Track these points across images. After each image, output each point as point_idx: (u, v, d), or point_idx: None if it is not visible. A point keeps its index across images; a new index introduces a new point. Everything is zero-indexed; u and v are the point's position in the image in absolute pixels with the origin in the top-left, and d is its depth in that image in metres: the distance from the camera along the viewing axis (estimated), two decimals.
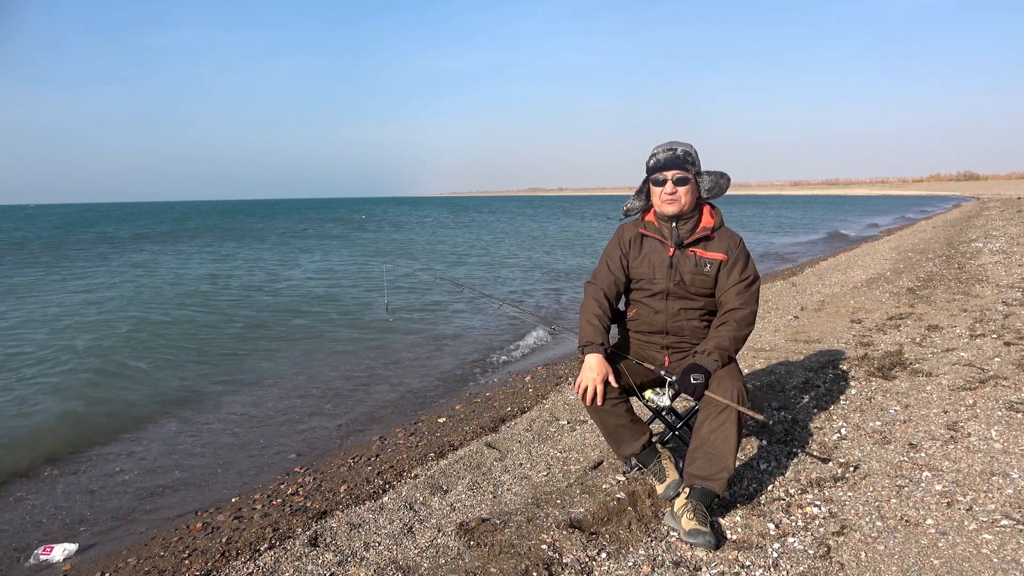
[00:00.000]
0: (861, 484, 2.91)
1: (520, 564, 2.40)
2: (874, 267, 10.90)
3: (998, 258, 10.19)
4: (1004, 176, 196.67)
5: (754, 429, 3.61)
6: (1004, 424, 3.42)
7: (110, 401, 5.72)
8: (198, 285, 13.36)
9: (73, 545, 3.20)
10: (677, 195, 2.75)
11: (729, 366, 2.70)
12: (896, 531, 2.52)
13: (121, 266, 17.63)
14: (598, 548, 2.52)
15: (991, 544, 2.38)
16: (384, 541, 2.71)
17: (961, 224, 19.67)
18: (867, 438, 3.41)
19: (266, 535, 3.01)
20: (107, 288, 13.06)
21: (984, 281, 8.06)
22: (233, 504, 3.58)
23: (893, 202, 71.57)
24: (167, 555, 2.95)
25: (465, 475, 3.37)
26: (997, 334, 5.29)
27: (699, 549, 2.46)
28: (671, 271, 2.80)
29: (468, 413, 4.86)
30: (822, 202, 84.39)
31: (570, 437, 3.82)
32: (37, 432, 4.89)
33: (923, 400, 3.90)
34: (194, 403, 5.64)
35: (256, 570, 2.58)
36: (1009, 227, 16.07)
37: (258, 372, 6.65)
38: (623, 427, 2.83)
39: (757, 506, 2.79)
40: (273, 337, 8.34)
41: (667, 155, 2.75)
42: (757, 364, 5.02)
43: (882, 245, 15.63)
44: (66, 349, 7.59)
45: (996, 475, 2.89)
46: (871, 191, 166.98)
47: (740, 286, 2.76)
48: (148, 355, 7.30)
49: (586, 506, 2.87)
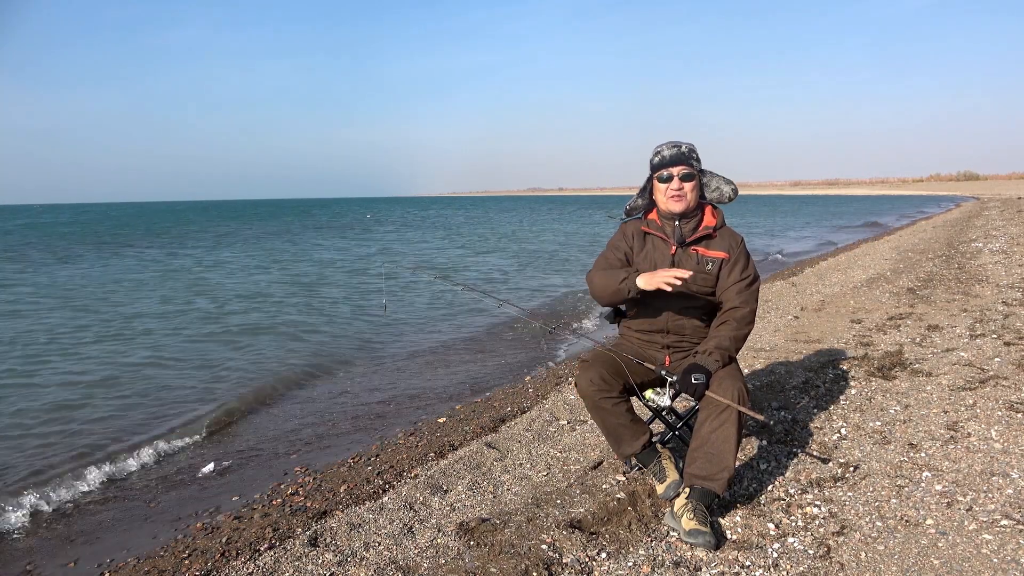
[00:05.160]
0: (861, 484, 2.91)
1: (520, 564, 2.40)
2: (874, 267, 10.89)
3: (998, 258, 10.19)
4: (1004, 176, 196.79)
5: (754, 429, 3.61)
6: (1004, 424, 3.42)
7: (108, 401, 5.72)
8: (202, 281, 13.37)
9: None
10: (683, 191, 2.76)
11: (729, 366, 2.70)
12: (896, 531, 2.52)
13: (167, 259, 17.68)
14: (598, 548, 2.52)
15: (991, 544, 2.38)
16: (384, 541, 2.71)
17: (961, 224, 19.67)
18: (867, 438, 3.41)
19: (266, 535, 3.01)
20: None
21: (984, 281, 8.06)
22: (233, 504, 3.58)
23: (893, 202, 71.77)
24: (167, 555, 2.96)
25: (465, 475, 3.37)
26: (997, 334, 5.29)
27: (699, 549, 2.46)
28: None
29: (468, 413, 4.86)
30: (823, 202, 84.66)
31: (570, 437, 3.82)
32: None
33: (923, 400, 3.90)
34: (192, 403, 5.64)
35: (256, 570, 2.58)
36: (1009, 227, 16.08)
37: (256, 371, 6.64)
38: (623, 427, 2.83)
39: (757, 506, 2.79)
40: (271, 336, 8.33)
41: (672, 152, 2.76)
42: (757, 364, 5.02)
43: (882, 245, 15.63)
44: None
45: (996, 475, 2.89)
46: (871, 191, 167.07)
47: (740, 285, 2.77)
48: (136, 351, 7.31)
49: (586, 506, 2.87)
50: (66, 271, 16.41)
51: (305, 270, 16.37)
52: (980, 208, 29.30)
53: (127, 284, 13.60)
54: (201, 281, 14.12)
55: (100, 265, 17.91)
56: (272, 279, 14.40)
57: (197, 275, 15.25)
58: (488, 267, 16.88)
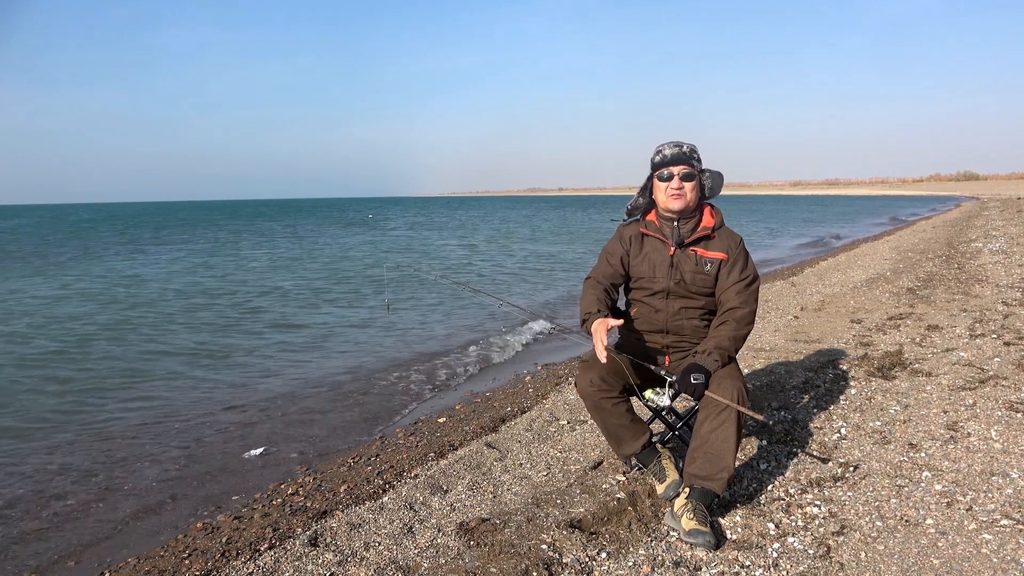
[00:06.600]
0: (861, 484, 2.91)
1: (520, 564, 2.40)
2: (874, 267, 10.90)
3: (998, 258, 10.20)
4: (1004, 176, 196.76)
5: (754, 429, 3.61)
6: (1004, 424, 3.43)
7: (109, 398, 5.72)
8: (202, 282, 13.38)
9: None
10: (683, 191, 2.76)
11: (729, 366, 2.70)
12: (896, 531, 2.52)
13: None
14: (598, 548, 2.52)
15: (991, 544, 2.38)
16: (384, 541, 2.71)
17: (961, 224, 19.68)
18: (867, 438, 3.41)
19: (266, 535, 3.01)
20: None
21: (984, 281, 8.06)
22: (233, 504, 3.58)
23: (895, 202, 71.71)
24: (167, 555, 2.95)
25: (465, 475, 3.37)
26: (997, 334, 5.29)
27: (699, 549, 2.46)
28: (672, 270, 2.81)
29: (468, 413, 4.86)
30: (828, 201, 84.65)
31: (570, 437, 3.82)
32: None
33: (923, 400, 3.90)
34: (192, 402, 5.64)
35: (256, 570, 2.58)
36: (1009, 227, 16.08)
37: (257, 371, 6.65)
38: (623, 427, 2.83)
39: (757, 506, 2.79)
40: (270, 335, 8.34)
41: (674, 151, 2.77)
42: (757, 364, 5.02)
43: (882, 245, 15.63)
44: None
45: (996, 475, 2.89)
46: (871, 191, 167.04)
47: (740, 285, 2.77)
48: (137, 350, 7.31)
49: (586, 506, 2.87)
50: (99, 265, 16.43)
51: (309, 266, 16.40)
52: (980, 208, 29.30)
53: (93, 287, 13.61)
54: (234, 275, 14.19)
55: (86, 262, 17.91)
56: (279, 273, 14.41)
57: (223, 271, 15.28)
58: (489, 266, 16.88)
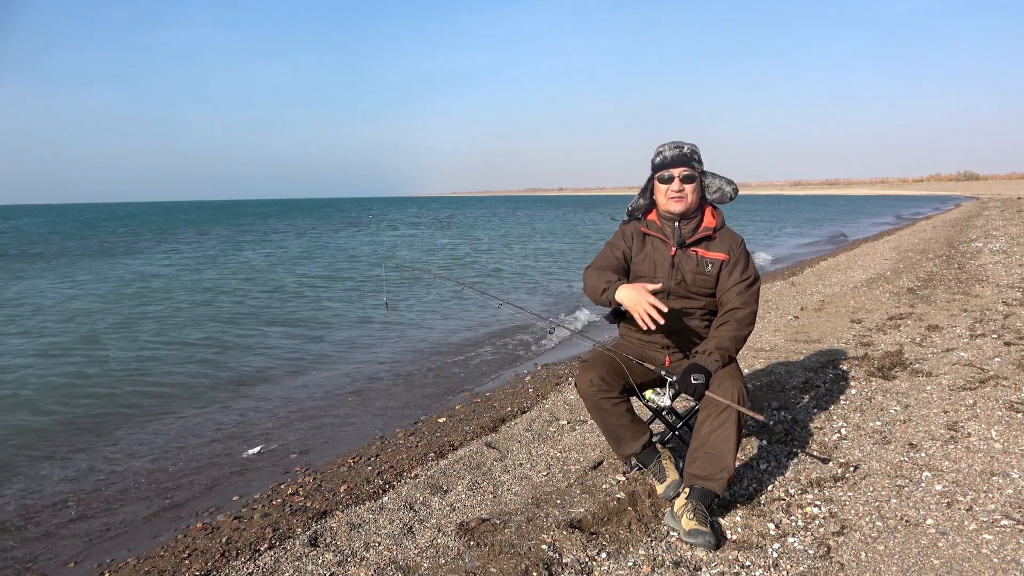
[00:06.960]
0: (861, 484, 2.91)
1: (520, 564, 2.40)
2: (874, 267, 10.89)
3: (998, 258, 10.20)
4: (1004, 176, 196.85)
5: (754, 429, 3.61)
6: (1004, 424, 3.43)
7: (108, 398, 5.72)
8: (203, 278, 13.38)
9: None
10: (684, 192, 2.76)
11: (729, 366, 2.70)
12: (896, 531, 2.52)
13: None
14: (598, 548, 2.52)
15: (991, 544, 2.38)
16: (384, 541, 2.71)
17: (961, 224, 19.67)
18: (867, 438, 3.41)
19: (266, 535, 3.01)
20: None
21: (984, 281, 8.06)
22: (233, 504, 3.58)
23: (896, 201, 71.72)
24: (167, 555, 2.95)
25: (465, 475, 3.37)
26: (997, 334, 5.29)
27: (699, 549, 2.46)
28: (673, 270, 2.81)
29: (468, 413, 4.86)
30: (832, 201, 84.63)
31: (570, 437, 3.82)
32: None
33: (923, 400, 3.90)
34: (192, 401, 5.64)
35: (256, 570, 2.58)
36: (1009, 227, 16.08)
37: (256, 371, 6.65)
38: (623, 427, 2.83)
39: (757, 506, 2.79)
40: (270, 335, 8.34)
41: (674, 152, 2.76)
42: (757, 364, 5.02)
43: (882, 245, 15.63)
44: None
45: (996, 475, 2.89)
46: (871, 191, 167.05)
47: (741, 286, 2.77)
48: (139, 348, 7.31)
49: (586, 506, 2.87)
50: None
51: (309, 266, 16.40)
52: (980, 208, 29.30)
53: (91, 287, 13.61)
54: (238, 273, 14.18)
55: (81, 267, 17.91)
56: (278, 273, 14.41)
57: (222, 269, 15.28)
58: (489, 266, 16.88)
